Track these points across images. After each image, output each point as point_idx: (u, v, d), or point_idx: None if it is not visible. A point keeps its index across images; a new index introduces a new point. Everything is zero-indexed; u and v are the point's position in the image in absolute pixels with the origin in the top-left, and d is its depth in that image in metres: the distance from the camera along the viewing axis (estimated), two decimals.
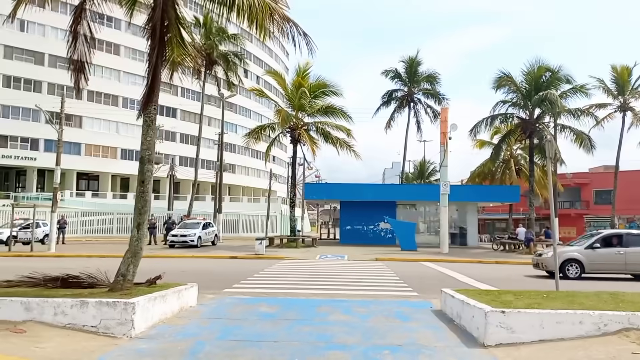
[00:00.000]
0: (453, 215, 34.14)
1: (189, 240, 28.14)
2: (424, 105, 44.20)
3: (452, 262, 22.22)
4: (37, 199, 53.78)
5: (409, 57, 44.15)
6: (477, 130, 31.07)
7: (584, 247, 16.30)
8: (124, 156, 64.03)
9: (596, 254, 16.03)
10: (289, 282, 13.45)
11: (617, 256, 15.85)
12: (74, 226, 42.64)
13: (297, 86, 29.57)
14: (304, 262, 21.04)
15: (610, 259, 15.91)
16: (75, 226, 43.18)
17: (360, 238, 33.55)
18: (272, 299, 9.92)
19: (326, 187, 38.76)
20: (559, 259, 15.71)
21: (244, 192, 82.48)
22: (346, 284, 13.27)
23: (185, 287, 8.35)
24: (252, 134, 31.23)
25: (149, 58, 8.93)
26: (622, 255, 15.83)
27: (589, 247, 16.19)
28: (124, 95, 63.33)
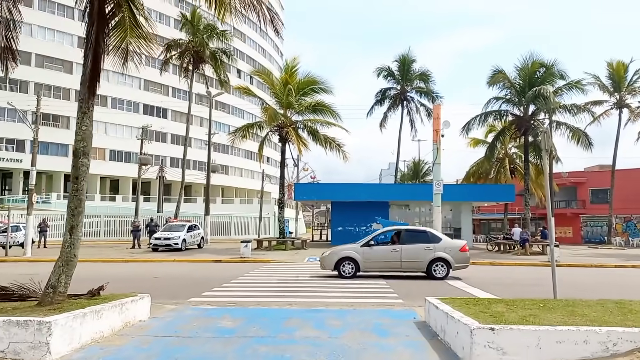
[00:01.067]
0: (447, 216, 33.21)
1: (173, 243, 27.08)
2: (417, 104, 43.34)
3: None
4: (22, 202, 52.57)
5: (401, 55, 43.26)
6: (469, 127, 30.15)
7: (360, 245, 15.45)
8: (112, 157, 62.87)
9: (372, 251, 15.18)
10: (267, 288, 12.46)
11: (392, 254, 15.02)
12: (60, 229, 41.47)
13: (284, 83, 28.56)
14: (290, 266, 20.09)
15: (386, 257, 15.05)
16: (62, 229, 41.84)
17: (351, 239, 32.24)
18: (240, 310, 8.92)
19: (317, 188, 37.74)
20: (335, 256, 15.06)
21: (237, 193, 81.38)
22: (329, 290, 12.29)
23: (132, 299, 7.33)
24: (239, 132, 30.17)
25: (86, 35, 7.87)
26: (397, 252, 14.97)
27: (365, 245, 15.34)
28: (113, 95, 62.18)
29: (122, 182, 66.01)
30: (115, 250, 28.76)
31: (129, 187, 64.54)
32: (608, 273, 18.76)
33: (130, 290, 12.06)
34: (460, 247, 15.36)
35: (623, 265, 21.92)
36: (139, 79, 65.42)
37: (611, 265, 21.66)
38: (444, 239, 15.54)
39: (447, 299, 7.84)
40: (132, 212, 43.28)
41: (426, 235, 15.68)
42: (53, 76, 56.52)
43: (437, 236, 15.58)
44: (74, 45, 58.99)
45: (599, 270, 19.86)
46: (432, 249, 15.01)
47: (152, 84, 66.82)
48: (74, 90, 58.62)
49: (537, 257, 24.54)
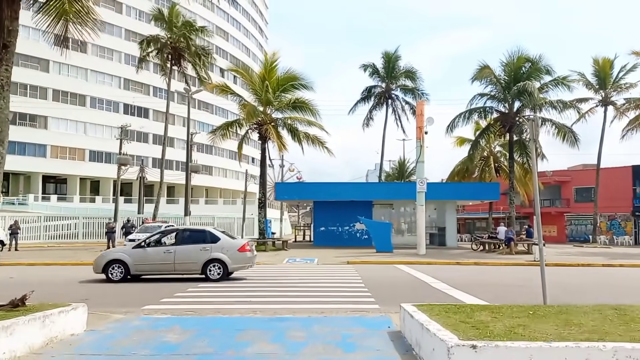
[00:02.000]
0: (431, 215, 32.51)
1: None
2: (402, 102, 42.65)
3: (428, 265, 20.50)
4: None
5: (386, 52, 42.53)
6: (454, 125, 29.41)
7: (132, 247, 14.63)
8: (92, 158, 61.30)
9: (145, 253, 14.23)
10: (235, 294, 11.51)
11: (166, 255, 14.12)
12: (37, 231, 40.19)
13: (263, 79, 27.61)
14: (268, 268, 19.16)
15: (159, 259, 14.11)
16: (39, 231, 40.59)
17: (334, 240, 31.74)
18: (193, 320, 7.97)
19: (298, 187, 36.82)
20: (103, 259, 14.18)
21: (221, 194, 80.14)
22: (301, 294, 11.37)
23: (61, 310, 6.35)
24: (219, 131, 29.15)
25: None
26: (171, 254, 14.10)
27: (138, 246, 14.44)
28: (92, 94, 60.67)
29: (102, 183, 64.47)
30: (89, 252, 27.54)
31: (110, 188, 63.05)
32: (595, 272, 18.09)
33: (83, 296, 11.10)
34: (239, 247, 14.40)
35: (610, 264, 21.30)
36: (118, 78, 63.99)
37: (598, 265, 21.03)
38: (222, 238, 14.47)
39: (424, 305, 6.96)
40: (112, 213, 42.00)
41: (204, 235, 14.72)
42: (29, 75, 54.87)
43: (215, 236, 14.52)
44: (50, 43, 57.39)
45: (587, 270, 19.19)
46: (209, 250, 14.11)
47: (133, 83, 65.35)
48: (52, 89, 57.19)
49: (522, 257, 23.87)
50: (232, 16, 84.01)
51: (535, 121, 8.12)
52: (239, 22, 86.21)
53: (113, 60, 63.47)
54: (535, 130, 8.19)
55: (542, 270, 8.47)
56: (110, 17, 63.66)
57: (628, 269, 19.93)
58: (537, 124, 8.00)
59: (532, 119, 7.84)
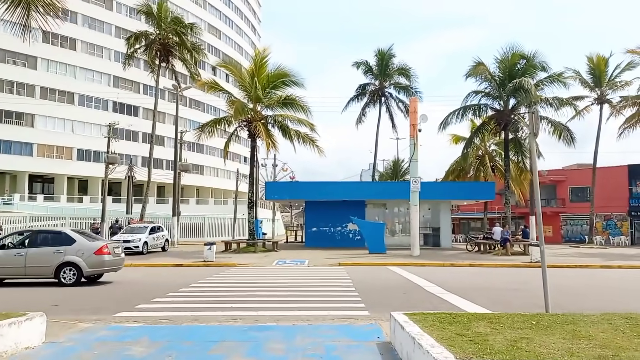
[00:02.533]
0: (425, 215, 31.96)
1: (133, 246, 25.20)
2: (396, 100, 42.07)
3: (422, 266, 19.94)
4: None
5: (380, 50, 41.95)
6: (448, 122, 28.83)
7: None
8: (80, 157, 60.30)
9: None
10: (217, 299, 10.86)
11: (16, 258, 13.22)
12: None
13: (252, 75, 26.90)
14: (256, 270, 18.50)
15: (9, 262, 13.22)
16: None
17: (326, 240, 31.11)
18: (166, 329, 7.31)
19: (290, 186, 36.13)
20: None
21: (213, 194, 79.28)
22: (288, 299, 10.74)
23: (12, 322, 5.67)
24: (206, 128, 28.38)
25: None
26: (22, 257, 13.23)
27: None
28: (80, 92, 59.66)
29: (91, 183, 63.46)
30: None
31: (99, 187, 62.06)
32: (594, 274, 17.56)
33: (56, 301, 10.41)
34: (96, 250, 13.58)
35: (608, 265, 20.82)
36: (108, 76, 63.03)
37: (596, 266, 20.53)
38: (78, 240, 13.62)
39: (417, 314, 6.33)
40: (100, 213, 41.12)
41: (60, 237, 13.89)
42: (16, 71, 53.85)
43: (71, 238, 13.67)
44: (39, 40, 56.38)
45: (585, 271, 18.66)
46: (62, 252, 13.31)
47: (122, 81, 64.40)
48: (39, 87, 56.16)
49: (518, 258, 23.34)
50: (225, 14, 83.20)
51: (535, 114, 7.52)
52: (231, 19, 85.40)
53: (103, 58, 62.50)
54: (536, 123, 7.59)
55: (544, 275, 7.86)
56: (100, 14, 62.75)
57: (626, 270, 19.44)
58: (537, 116, 7.40)
59: (533, 111, 7.26)
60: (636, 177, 45.94)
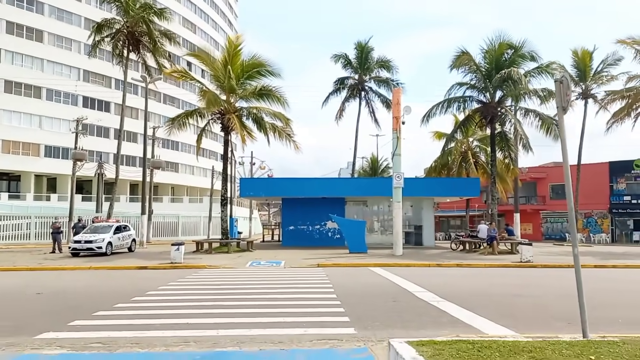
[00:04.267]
0: (407, 213, 30.64)
1: (96, 247, 23.31)
2: (377, 94, 40.69)
3: (407, 267, 18.58)
4: None
5: (359, 43, 40.52)
6: (431, 115, 27.51)
7: None
8: (48, 154, 57.54)
9: None
10: (174, 311, 9.21)
11: None
12: None
13: (225, 64, 25.18)
14: (226, 273, 16.85)
15: None
16: None
17: (304, 239, 29.55)
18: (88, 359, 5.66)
19: (265, 183, 34.39)
20: None
21: (188, 192, 77.00)
22: (258, 311, 9.15)
23: None
24: (176, 121, 26.55)
25: None
26: None
27: None
28: (48, 86, 56.83)
29: (60, 181, 60.65)
30: (31, 255, 24.76)
31: (68, 185, 59.36)
32: (595, 275, 16.28)
33: None
34: None
35: (603, 265, 19.76)
36: (77, 69, 60.30)
37: (590, 265, 19.38)
38: None
39: (426, 344, 4.80)
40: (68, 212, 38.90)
41: None
42: None
43: None
44: (2, 31, 53.57)
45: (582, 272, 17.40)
46: None
47: (93, 75, 61.82)
48: (3, 80, 53.25)
49: (506, 257, 22.16)
50: (200, 7, 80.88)
51: (565, 82, 6.07)
52: (206, 13, 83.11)
53: (72, 51, 59.75)
54: (565, 94, 6.13)
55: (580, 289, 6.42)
56: (68, 5, 59.99)
57: (624, 270, 18.34)
58: (567, 86, 5.94)
59: (562, 80, 5.79)
60: (617, 174, 45.51)
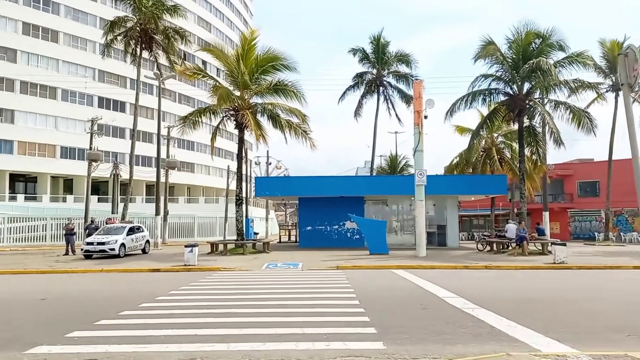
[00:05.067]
0: (430, 212, 29.44)
1: (108, 248, 22.66)
2: (395, 89, 39.58)
3: (432, 269, 17.52)
4: None
5: (374, 36, 39.46)
6: (455, 109, 26.33)
7: None
8: (64, 155, 57.46)
9: None
10: (182, 320, 8.35)
11: None
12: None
13: (239, 58, 24.34)
14: (241, 276, 16.00)
15: None
16: (2, 234, 37.22)
17: (322, 240, 28.57)
18: None
19: (281, 181, 33.52)
20: None
21: (204, 192, 76.61)
22: (273, 321, 8.23)
23: None
24: (189, 119, 25.79)
25: None
26: None
27: None
28: (63, 87, 56.75)
29: (76, 182, 60.56)
30: (44, 257, 24.28)
31: (84, 186, 59.32)
32: (634, 279, 15.07)
33: None
34: None
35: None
36: (93, 69, 60.15)
37: (628, 267, 18.09)
38: None
39: None
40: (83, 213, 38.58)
41: None
42: None
43: None
44: (19, 32, 53.61)
45: (620, 274, 16.18)
46: None
47: (108, 75, 61.65)
48: (19, 81, 53.25)
49: (537, 258, 20.91)
50: (215, 6, 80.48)
51: (631, 55, 5.03)
52: (222, 12, 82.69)
53: (87, 51, 59.63)
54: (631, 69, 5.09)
55: None
56: (84, 5, 59.90)
57: None
58: (634, 58, 4.90)
59: (626, 53, 4.78)
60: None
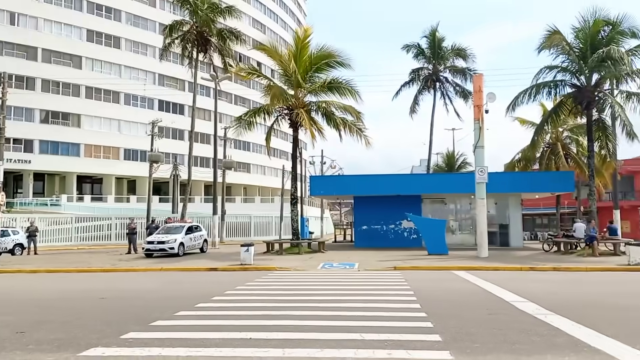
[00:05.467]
0: (491, 210, 28.28)
1: (168, 247, 23.14)
2: (453, 84, 38.43)
3: (495, 271, 16.70)
4: (31, 205, 49.90)
5: (430, 30, 38.46)
6: (517, 104, 25.08)
7: None
8: (127, 156, 59.76)
9: None
10: (238, 322, 8.20)
11: None
12: (68, 233, 38.73)
13: (293, 58, 24.24)
14: (296, 276, 15.83)
15: None
16: (70, 233, 39.04)
17: (378, 240, 28.02)
18: None
19: (336, 180, 33.24)
20: None
21: (260, 192, 77.60)
22: (330, 324, 7.90)
23: None
24: (244, 119, 25.95)
25: None
26: None
27: None
28: (126, 91, 59.01)
29: (139, 183, 62.86)
30: (107, 256, 25.15)
31: (146, 187, 61.43)
32: None
33: (33, 322, 7.92)
34: None
35: None
36: (153, 74, 62.19)
37: None
38: None
39: None
40: (146, 213, 39.90)
41: None
42: (61, 71, 53.58)
43: None
44: (83, 39, 56.13)
45: None
46: None
47: (168, 79, 63.60)
48: (84, 86, 55.75)
49: (609, 259, 19.57)
50: (269, 7, 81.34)
51: None
52: (276, 13, 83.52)
53: (147, 56, 61.68)
54: None
55: None
56: (144, 11, 62.00)
57: None
58: None
59: None
60: None
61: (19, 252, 27.42)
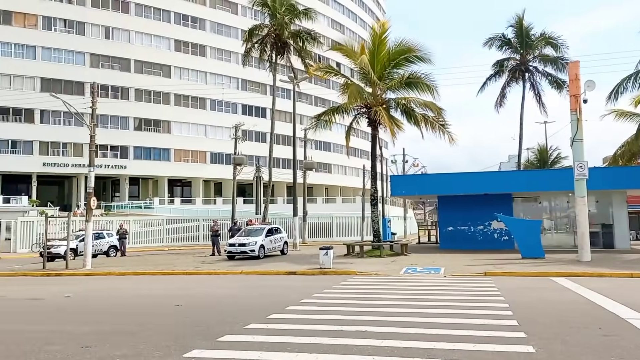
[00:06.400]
0: (591, 209, 25.76)
1: (249, 250, 23.25)
2: (543, 74, 35.73)
3: (601, 277, 14.96)
4: (126, 208, 52.92)
5: (516, 17, 35.99)
6: (620, 91, 22.62)
7: None
8: (213, 160, 61.84)
9: None
10: (308, 339, 7.57)
11: None
12: (159, 234, 40.56)
13: (370, 54, 23.42)
14: (377, 282, 15.06)
15: None
16: (162, 234, 40.88)
17: (465, 242, 26.45)
18: None
19: (418, 179, 31.92)
20: None
21: (341, 192, 77.32)
22: (414, 348, 7.05)
23: None
24: (322, 118, 25.51)
25: None
26: None
27: None
28: (211, 97, 61.07)
29: (225, 185, 64.88)
30: (192, 258, 25.76)
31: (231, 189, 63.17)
32: None
33: (98, 335, 7.56)
34: None
35: None
36: (236, 79, 63.87)
37: None
38: None
39: None
40: (231, 214, 40.86)
41: None
42: (152, 81, 56.40)
43: None
44: (172, 49, 58.72)
45: None
46: None
47: (250, 83, 65.02)
48: (173, 94, 58.33)
49: None
50: (347, 7, 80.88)
51: None
52: (354, 13, 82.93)
53: (230, 62, 63.46)
54: None
55: None
56: (227, 19, 63.82)
57: None
58: None
59: None
60: None
61: (113, 254, 28.79)
